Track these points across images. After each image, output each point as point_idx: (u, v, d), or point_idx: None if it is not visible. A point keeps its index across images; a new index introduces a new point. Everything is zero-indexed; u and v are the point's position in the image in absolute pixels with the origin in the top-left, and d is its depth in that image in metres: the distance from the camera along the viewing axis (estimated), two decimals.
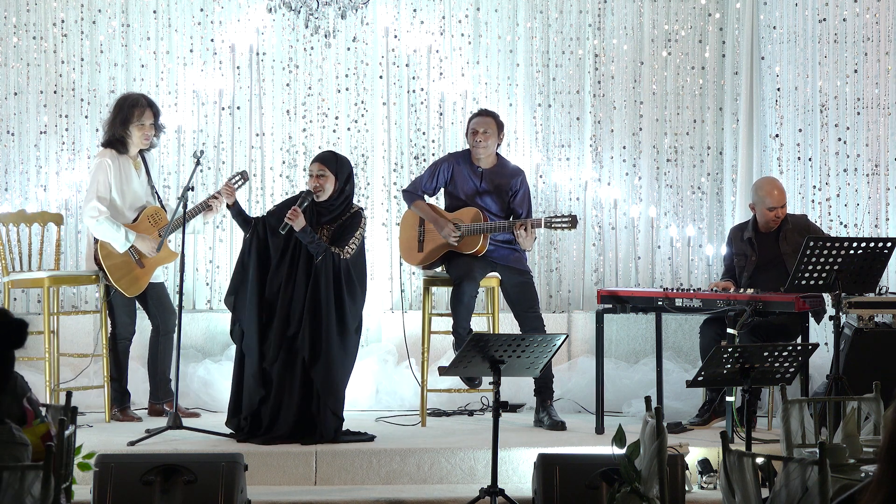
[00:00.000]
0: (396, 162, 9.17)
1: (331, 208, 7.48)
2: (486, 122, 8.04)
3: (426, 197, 8.22)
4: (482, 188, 8.08)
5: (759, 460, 4.80)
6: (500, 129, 8.11)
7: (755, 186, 8.10)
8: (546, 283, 9.19)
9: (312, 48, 9.12)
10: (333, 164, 7.51)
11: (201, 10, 9.08)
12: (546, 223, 7.94)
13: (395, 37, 9.15)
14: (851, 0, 8.73)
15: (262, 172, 9.11)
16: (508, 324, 8.28)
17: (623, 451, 5.63)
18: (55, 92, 9.02)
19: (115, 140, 7.95)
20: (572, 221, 7.92)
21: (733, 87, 9.15)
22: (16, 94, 9.00)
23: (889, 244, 7.37)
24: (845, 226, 8.75)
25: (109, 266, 7.91)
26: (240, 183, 8.08)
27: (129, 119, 7.93)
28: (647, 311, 7.90)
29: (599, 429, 7.67)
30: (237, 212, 7.68)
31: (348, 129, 9.16)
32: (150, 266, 8.01)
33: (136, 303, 8.18)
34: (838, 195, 8.79)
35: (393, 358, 8.76)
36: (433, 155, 9.02)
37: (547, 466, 6.03)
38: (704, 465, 7.01)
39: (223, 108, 9.12)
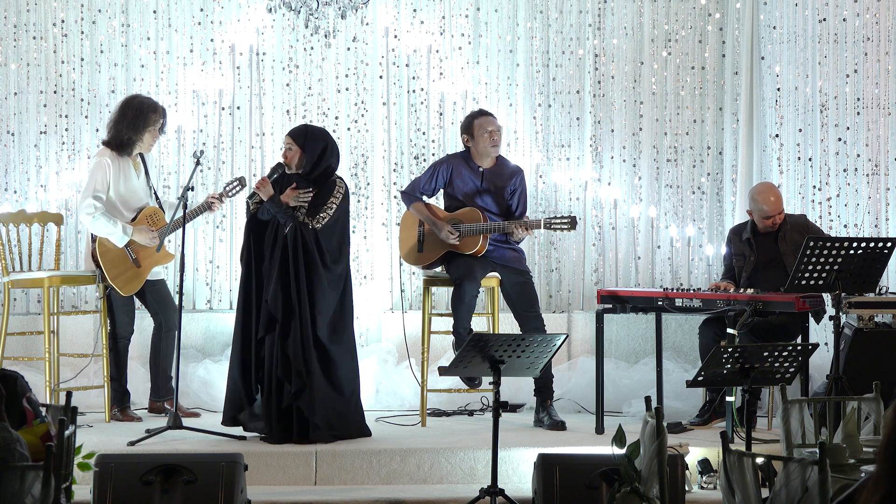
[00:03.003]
0: (396, 162, 9.17)
1: (304, 180, 7.52)
2: (496, 122, 8.10)
3: (425, 198, 8.22)
4: (482, 187, 8.09)
5: (759, 460, 4.81)
6: None
7: (752, 193, 8.09)
8: (546, 283, 9.19)
9: (312, 48, 9.12)
10: (301, 137, 7.56)
11: (201, 10, 9.08)
12: (546, 224, 7.95)
13: (395, 37, 9.15)
14: (851, 0, 8.73)
15: (262, 172, 9.09)
16: (508, 324, 8.28)
17: (623, 451, 5.63)
18: (55, 92, 9.02)
19: (122, 141, 7.94)
20: (571, 223, 7.93)
21: (733, 87, 9.15)
22: (16, 94, 9.00)
23: (889, 244, 7.37)
24: (845, 226, 8.75)
25: (106, 263, 7.91)
26: (237, 189, 8.08)
27: (147, 123, 7.94)
28: (647, 311, 7.90)
29: (599, 429, 7.67)
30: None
31: (348, 129, 9.16)
32: (146, 266, 8.02)
33: (136, 302, 8.19)
34: (838, 195, 8.78)
35: (393, 358, 8.77)
36: (433, 155, 9.02)
37: (547, 466, 6.03)
38: (704, 465, 7.01)
39: (223, 108, 9.12)
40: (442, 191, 8.21)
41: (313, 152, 7.52)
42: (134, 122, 7.93)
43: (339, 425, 7.37)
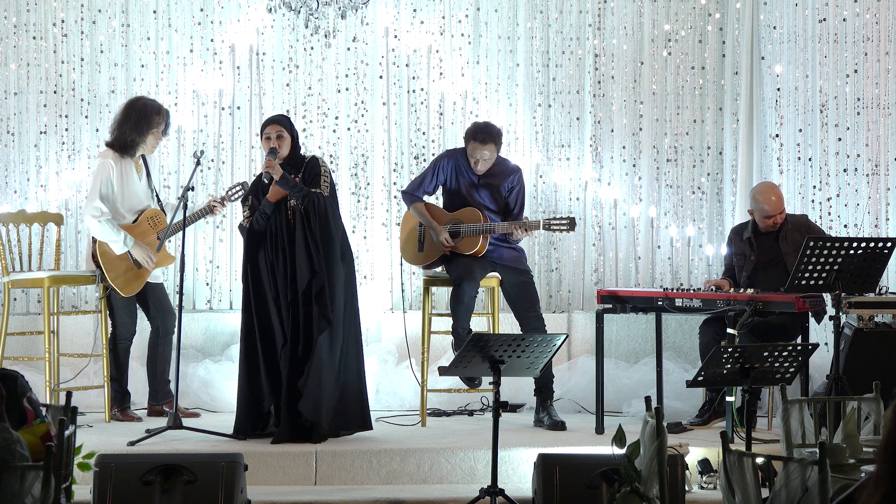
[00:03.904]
0: (396, 162, 9.17)
1: (289, 166, 7.53)
2: (488, 152, 7.98)
3: (426, 197, 8.22)
4: (479, 182, 8.08)
5: (759, 460, 4.81)
6: (499, 145, 8.10)
7: (753, 192, 8.10)
8: (546, 283, 9.19)
9: (312, 48, 9.12)
10: (289, 124, 7.63)
11: (201, 10, 9.08)
12: (545, 225, 7.95)
13: (395, 37, 9.15)
14: (851, 0, 8.73)
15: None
16: (508, 324, 8.28)
17: (623, 451, 5.63)
18: (55, 92, 9.02)
19: (126, 143, 7.94)
20: (570, 223, 7.92)
21: (733, 87, 9.15)
22: (16, 94, 9.00)
23: (889, 244, 7.37)
24: (845, 226, 8.75)
25: (106, 264, 7.91)
26: (239, 193, 8.08)
27: (150, 125, 7.93)
28: (647, 311, 7.90)
29: (599, 429, 7.67)
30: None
31: (348, 129, 9.16)
32: (146, 267, 8.01)
33: (137, 303, 8.19)
34: (838, 195, 8.78)
35: (393, 358, 8.77)
36: (433, 155, 9.01)
37: (547, 466, 6.03)
38: (704, 465, 7.01)
39: (223, 108, 9.12)
40: (441, 187, 8.21)
41: (294, 136, 7.58)
42: (138, 125, 7.93)
43: (343, 415, 7.38)
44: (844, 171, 8.77)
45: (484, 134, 8.02)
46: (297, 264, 7.35)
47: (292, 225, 7.42)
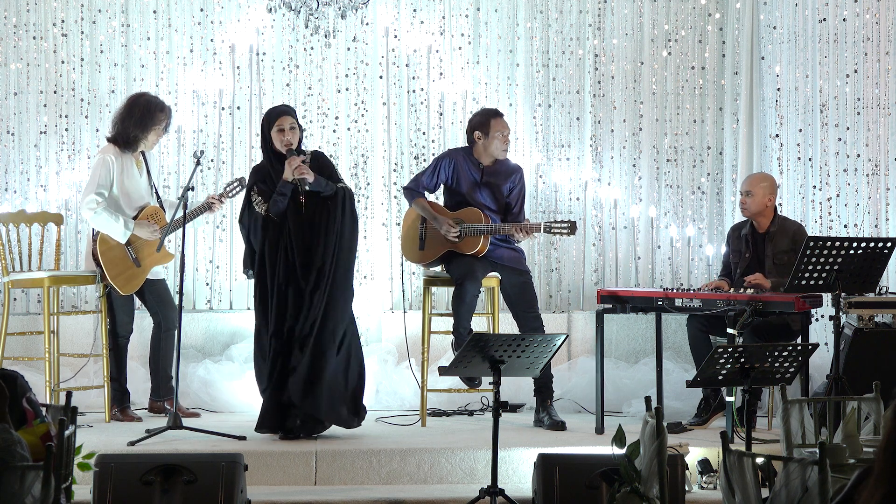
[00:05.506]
0: (396, 162, 9.17)
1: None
2: (508, 125, 8.12)
3: (427, 194, 8.22)
4: (481, 181, 8.09)
5: (759, 460, 4.81)
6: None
7: None
8: (546, 283, 9.19)
9: (312, 48, 9.12)
10: (296, 113, 7.68)
11: (201, 10, 9.08)
12: (546, 228, 7.94)
13: (395, 37, 9.15)
14: (851, 0, 8.73)
15: None
16: (508, 324, 8.28)
17: (623, 451, 5.63)
18: (55, 92, 9.02)
19: (128, 138, 7.94)
20: (571, 228, 7.92)
21: (733, 87, 9.15)
22: (16, 94, 9.00)
23: (889, 244, 7.38)
24: (845, 226, 8.75)
25: (107, 262, 7.91)
26: (237, 190, 8.08)
27: (154, 122, 7.94)
28: (647, 311, 7.91)
29: (599, 429, 7.67)
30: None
31: (348, 129, 9.16)
32: (146, 265, 8.02)
33: (136, 301, 8.19)
34: (838, 195, 8.79)
35: (393, 358, 8.77)
36: (433, 155, 9.02)
37: (547, 466, 6.03)
38: (704, 465, 7.01)
39: (223, 108, 9.12)
40: (442, 186, 8.21)
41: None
42: (141, 121, 7.94)
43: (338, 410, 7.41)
44: (844, 171, 8.77)
45: (499, 110, 8.21)
46: (313, 251, 7.37)
47: (307, 210, 7.43)
